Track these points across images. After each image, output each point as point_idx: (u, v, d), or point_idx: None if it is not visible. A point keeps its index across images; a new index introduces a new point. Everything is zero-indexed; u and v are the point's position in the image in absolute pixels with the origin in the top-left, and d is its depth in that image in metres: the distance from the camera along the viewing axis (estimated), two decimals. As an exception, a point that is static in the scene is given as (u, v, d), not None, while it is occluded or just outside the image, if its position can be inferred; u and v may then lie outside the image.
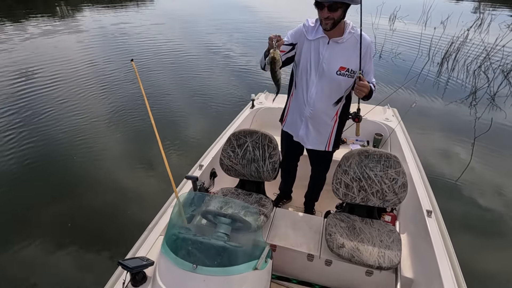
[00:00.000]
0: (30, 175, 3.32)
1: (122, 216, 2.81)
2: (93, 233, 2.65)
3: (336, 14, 1.47)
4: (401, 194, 1.68)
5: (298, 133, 1.87)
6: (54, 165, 3.49)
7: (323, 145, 1.88)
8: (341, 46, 1.59)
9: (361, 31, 1.57)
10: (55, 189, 3.11)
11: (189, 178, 1.79)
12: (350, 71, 1.60)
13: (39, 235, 2.61)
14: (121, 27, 10.10)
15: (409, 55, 7.28)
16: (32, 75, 5.78)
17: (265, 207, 1.85)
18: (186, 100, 5.11)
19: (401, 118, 2.85)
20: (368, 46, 1.59)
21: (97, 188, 3.15)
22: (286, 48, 1.63)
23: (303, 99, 1.74)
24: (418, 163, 2.20)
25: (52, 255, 2.46)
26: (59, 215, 2.81)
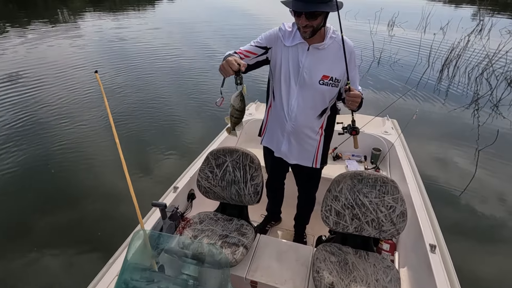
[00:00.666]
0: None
1: (85, 243, 2.54)
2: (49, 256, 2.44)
3: (315, 22, 1.31)
4: (399, 225, 1.46)
5: (280, 149, 1.69)
6: (30, 176, 3.29)
7: (310, 161, 1.68)
8: (322, 52, 1.41)
9: (343, 37, 1.39)
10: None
11: (156, 206, 1.57)
12: (334, 79, 1.43)
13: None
14: (119, 32, 10.01)
15: (408, 61, 7.10)
16: (20, 79, 5.61)
17: (246, 236, 1.62)
18: (171, 115, 4.82)
19: (401, 130, 2.63)
20: (351, 51, 1.43)
21: (64, 209, 2.89)
22: (257, 51, 1.47)
23: (284, 113, 1.55)
24: (420, 184, 1.96)
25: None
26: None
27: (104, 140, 3.95)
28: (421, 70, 6.57)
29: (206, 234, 1.64)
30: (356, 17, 11.70)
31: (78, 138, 4.03)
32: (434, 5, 14.55)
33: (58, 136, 4.03)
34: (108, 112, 1.59)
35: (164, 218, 1.58)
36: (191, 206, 2.05)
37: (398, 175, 2.19)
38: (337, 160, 2.59)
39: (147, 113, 4.75)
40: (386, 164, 2.47)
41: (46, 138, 4.00)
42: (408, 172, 2.10)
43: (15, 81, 5.71)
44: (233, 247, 1.54)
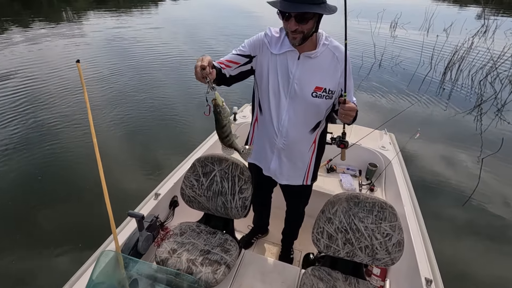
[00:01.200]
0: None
1: (50, 256, 2.41)
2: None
3: (306, 27, 1.16)
4: (395, 254, 1.34)
5: (269, 167, 1.54)
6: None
7: (301, 179, 1.55)
8: (314, 61, 1.27)
9: (346, 46, 1.25)
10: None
11: (132, 216, 1.47)
12: (328, 91, 1.29)
13: None
14: (122, 31, 9.94)
15: (410, 63, 6.96)
16: (18, 77, 5.53)
17: (229, 254, 1.52)
18: (160, 114, 4.70)
19: (399, 148, 2.49)
20: (343, 57, 1.27)
21: (41, 214, 2.78)
22: (240, 60, 1.31)
23: (273, 128, 1.40)
24: (417, 208, 1.83)
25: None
26: None
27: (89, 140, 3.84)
28: (424, 72, 6.44)
29: (187, 248, 1.53)
30: (358, 17, 11.57)
31: (68, 139, 3.95)
32: (438, 5, 14.39)
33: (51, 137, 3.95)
34: (87, 104, 1.47)
35: (141, 230, 1.48)
36: (172, 214, 1.95)
37: (394, 195, 2.08)
38: (331, 173, 2.48)
39: (144, 112, 4.65)
40: (382, 182, 2.35)
41: (40, 138, 3.92)
42: (404, 193, 1.98)
43: (14, 79, 5.65)
44: (215, 265, 1.44)
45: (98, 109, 4.56)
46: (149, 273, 1.12)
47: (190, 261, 1.44)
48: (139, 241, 1.49)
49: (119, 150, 3.71)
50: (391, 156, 2.36)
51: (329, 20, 1.27)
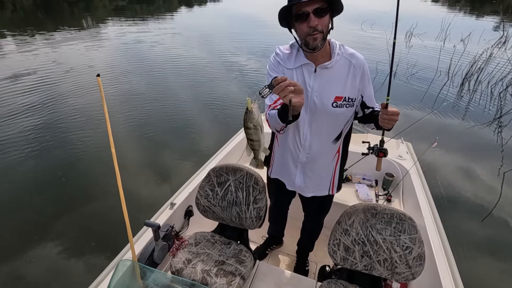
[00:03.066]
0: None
1: (70, 263, 2.47)
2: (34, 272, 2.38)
3: (324, 22, 1.15)
4: (416, 268, 1.30)
5: (293, 182, 1.51)
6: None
7: (326, 189, 1.53)
8: (331, 72, 1.26)
9: (394, 45, 1.35)
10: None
11: (149, 226, 1.48)
12: (348, 99, 1.28)
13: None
14: (139, 38, 10.31)
15: (426, 74, 6.85)
16: (39, 81, 5.76)
17: (244, 265, 1.51)
18: (182, 115, 4.88)
19: (417, 157, 2.44)
20: (363, 66, 1.28)
21: (62, 220, 2.86)
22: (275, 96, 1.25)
23: (296, 142, 1.40)
24: (437, 220, 1.77)
25: None
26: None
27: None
28: (440, 83, 6.32)
29: (201, 258, 1.54)
30: (372, 27, 11.53)
31: (86, 142, 4.07)
32: (454, 15, 14.19)
33: (70, 140, 4.08)
34: (106, 117, 1.52)
35: (157, 240, 1.50)
36: (187, 224, 1.96)
37: (412, 206, 2.03)
38: (346, 183, 2.44)
39: (157, 119, 4.75)
40: (399, 192, 2.30)
41: (59, 140, 4.05)
42: (424, 204, 1.92)
43: (37, 84, 5.90)
44: (229, 276, 1.43)
45: (115, 117, 4.69)
46: (165, 283, 1.12)
47: (205, 272, 1.44)
48: (155, 250, 1.50)
49: (135, 159, 3.79)
50: (408, 166, 2.31)
51: (341, 29, 1.27)
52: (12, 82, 6.07)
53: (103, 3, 25.38)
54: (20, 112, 4.86)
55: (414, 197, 2.02)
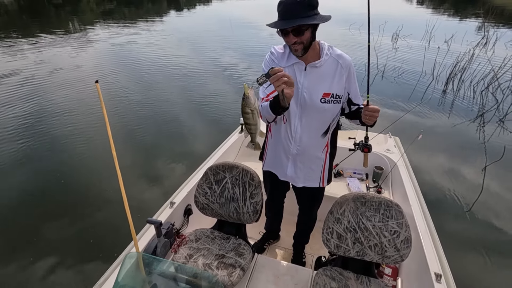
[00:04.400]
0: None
1: (77, 259, 2.51)
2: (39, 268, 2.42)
3: (304, 38, 1.27)
4: (403, 251, 1.40)
5: (285, 173, 1.61)
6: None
7: (317, 182, 1.63)
8: (320, 70, 1.38)
9: (369, 48, 1.47)
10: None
11: (151, 223, 1.55)
12: (335, 96, 1.40)
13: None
14: (127, 41, 10.25)
15: (412, 74, 7.08)
16: (26, 85, 5.71)
17: (243, 257, 1.58)
18: (174, 119, 4.92)
19: (404, 150, 2.58)
20: (349, 66, 1.41)
21: (68, 217, 2.92)
22: (270, 88, 1.38)
23: (287, 135, 1.51)
24: (424, 207, 1.90)
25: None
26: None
27: (106, 153, 3.97)
28: (426, 83, 6.55)
29: (202, 253, 1.60)
30: (360, 29, 11.78)
31: (82, 146, 4.06)
32: (439, 18, 14.63)
33: (62, 143, 4.07)
34: (107, 123, 1.58)
35: (159, 236, 1.56)
36: (187, 222, 2.02)
37: (401, 196, 2.14)
38: (338, 177, 2.55)
39: (151, 122, 4.78)
40: (388, 184, 2.42)
41: (50, 145, 4.04)
42: (411, 193, 2.04)
43: (22, 88, 5.83)
44: (230, 268, 1.50)
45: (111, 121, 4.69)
46: (171, 272, 1.19)
47: (206, 265, 1.51)
48: (158, 247, 1.56)
49: (132, 162, 3.81)
50: (396, 159, 2.43)
51: (326, 30, 1.37)
52: (1, 87, 5.99)
53: (90, 6, 25.11)
54: (14, 114, 4.81)
55: (402, 187, 2.14)
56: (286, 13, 1.23)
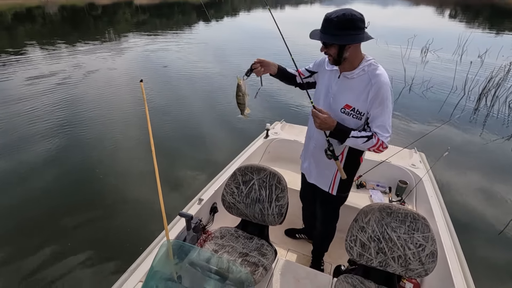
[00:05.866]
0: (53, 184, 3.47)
1: (113, 245, 2.71)
2: (84, 253, 2.63)
3: (330, 51, 1.39)
4: (428, 265, 1.38)
5: (303, 165, 1.84)
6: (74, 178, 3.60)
7: (327, 186, 1.70)
8: (350, 82, 1.44)
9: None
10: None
11: (183, 216, 1.63)
12: (356, 111, 1.43)
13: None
14: (158, 49, 10.80)
15: (442, 89, 6.87)
16: (69, 88, 6.16)
17: (266, 257, 1.63)
18: (202, 125, 5.11)
19: (430, 166, 2.53)
20: (379, 88, 1.36)
21: (98, 209, 3.13)
22: (305, 73, 1.71)
23: (310, 130, 1.69)
24: (449, 224, 1.86)
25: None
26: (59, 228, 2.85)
27: (140, 148, 4.23)
28: (456, 98, 6.33)
29: (227, 250, 1.66)
30: (387, 43, 11.64)
31: (117, 141, 4.37)
32: (472, 32, 14.14)
33: (99, 141, 4.36)
34: (148, 121, 1.69)
35: (188, 229, 1.64)
36: (212, 219, 2.10)
37: (425, 212, 2.10)
38: (361, 189, 2.54)
39: (181, 124, 4.99)
40: (412, 199, 2.37)
41: (89, 142, 4.34)
42: (437, 209, 2.00)
43: (60, 86, 6.32)
44: (253, 266, 1.55)
45: (139, 122, 4.96)
46: (204, 259, 1.25)
47: (230, 262, 1.56)
48: (186, 239, 1.64)
49: (166, 157, 4.02)
50: (421, 174, 2.38)
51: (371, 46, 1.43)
52: (35, 85, 6.50)
53: (125, 17, 26.72)
54: (52, 112, 5.21)
55: (427, 203, 2.09)
56: (321, 27, 1.37)
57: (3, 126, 4.84)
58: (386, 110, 1.39)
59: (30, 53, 10.32)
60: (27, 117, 5.15)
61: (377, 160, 2.54)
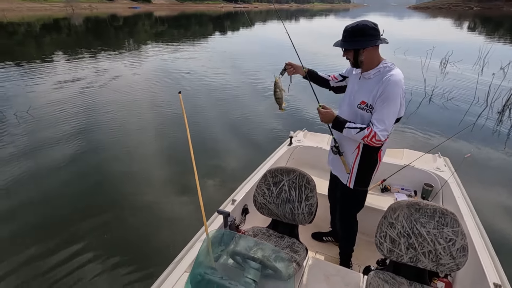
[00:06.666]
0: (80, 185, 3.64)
1: (154, 239, 2.82)
2: (125, 249, 2.72)
3: (349, 55, 1.61)
4: (460, 259, 1.40)
5: (329, 158, 1.97)
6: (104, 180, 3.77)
7: (345, 179, 1.82)
8: (367, 81, 1.61)
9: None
10: (101, 199, 3.36)
11: (221, 213, 1.72)
12: (369, 105, 1.58)
13: (77, 240, 2.79)
14: (176, 58, 11.19)
15: (463, 100, 6.79)
16: (97, 99, 6.46)
17: (298, 254, 1.68)
18: (227, 131, 5.25)
19: (454, 169, 2.54)
20: (386, 86, 1.49)
21: (137, 207, 3.26)
22: (338, 77, 1.92)
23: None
24: (478, 223, 1.86)
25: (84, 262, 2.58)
26: (98, 225, 2.99)
27: (180, 151, 4.43)
28: (478, 110, 6.24)
29: (261, 248, 1.72)
30: (405, 54, 11.62)
31: (154, 146, 4.58)
32: (493, 44, 13.93)
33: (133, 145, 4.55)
34: (187, 129, 1.81)
35: (225, 226, 1.71)
36: (244, 220, 2.17)
37: (454, 212, 2.11)
38: (385, 192, 2.57)
39: (214, 129, 5.15)
40: (439, 201, 2.38)
41: (123, 146, 4.53)
42: (464, 209, 2.00)
43: (84, 90, 6.63)
44: (286, 262, 1.60)
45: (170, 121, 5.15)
46: (244, 249, 1.33)
47: (266, 257, 1.63)
48: (224, 236, 1.72)
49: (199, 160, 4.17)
50: (446, 177, 2.40)
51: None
52: (61, 90, 6.85)
53: (144, 28, 27.82)
54: (76, 114, 5.48)
55: (454, 204, 2.10)
56: (342, 36, 1.60)
57: (32, 128, 5.11)
58: (388, 106, 1.50)
59: (55, 60, 10.92)
60: (54, 118, 5.43)
61: (401, 164, 2.57)
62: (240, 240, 1.35)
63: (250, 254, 1.29)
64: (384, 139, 1.53)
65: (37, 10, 53.03)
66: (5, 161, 4.09)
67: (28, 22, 29.51)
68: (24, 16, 38.17)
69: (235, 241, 1.35)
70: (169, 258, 1.60)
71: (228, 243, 1.36)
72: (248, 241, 1.36)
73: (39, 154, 4.28)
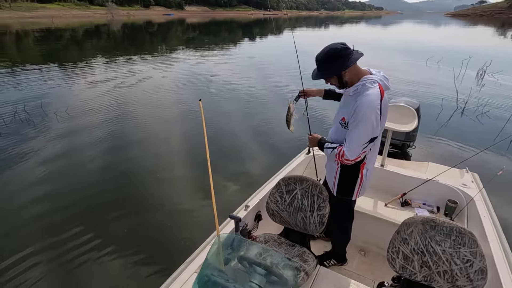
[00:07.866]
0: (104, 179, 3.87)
1: (168, 239, 2.93)
2: (139, 244, 2.85)
3: (332, 81, 1.66)
4: (478, 282, 1.33)
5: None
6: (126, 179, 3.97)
7: (331, 186, 1.91)
8: (349, 98, 1.66)
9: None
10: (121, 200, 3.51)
11: (233, 218, 1.77)
12: (347, 123, 1.65)
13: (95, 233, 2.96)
14: (203, 64, 11.58)
15: (500, 114, 6.38)
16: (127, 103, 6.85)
17: (307, 263, 1.69)
18: (248, 136, 5.33)
19: (483, 186, 2.41)
20: (358, 108, 1.53)
21: (155, 205, 3.41)
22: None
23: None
24: (505, 245, 1.75)
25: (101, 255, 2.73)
26: (119, 218, 3.18)
27: (195, 158, 4.55)
28: (517, 124, 5.84)
29: (270, 254, 1.75)
30: (439, 64, 11.13)
31: (172, 148, 4.75)
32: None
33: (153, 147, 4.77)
34: (205, 136, 1.89)
35: (236, 231, 1.76)
36: (257, 226, 2.21)
37: (477, 233, 2.00)
38: (405, 207, 2.49)
39: (229, 136, 5.27)
40: (463, 219, 2.26)
41: (144, 147, 4.77)
42: (490, 230, 1.90)
43: (117, 90, 7.06)
44: (295, 270, 1.62)
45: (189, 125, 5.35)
46: (253, 255, 1.37)
47: (273, 265, 1.66)
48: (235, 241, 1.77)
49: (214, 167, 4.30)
50: (473, 194, 2.28)
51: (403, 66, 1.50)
52: (95, 88, 7.31)
53: (176, 35, 29.05)
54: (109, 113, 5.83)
55: (479, 223, 1.99)
56: (316, 66, 1.65)
57: (68, 125, 5.51)
58: (357, 127, 1.56)
59: (94, 63, 11.71)
60: (88, 118, 5.82)
61: (423, 178, 2.48)
62: (250, 245, 1.39)
63: (256, 260, 1.33)
64: (352, 158, 1.59)
65: (81, 17, 57.22)
66: (46, 155, 4.47)
67: (73, 27, 31.91)
68: (70, 22, 41.29)
69: (245, 247, 1.40)
70: (180, 258, 1.68)
71: (237, 247, 1.40)
72: (257, 247, 1.40)
73: (71, 151, 4.63)
